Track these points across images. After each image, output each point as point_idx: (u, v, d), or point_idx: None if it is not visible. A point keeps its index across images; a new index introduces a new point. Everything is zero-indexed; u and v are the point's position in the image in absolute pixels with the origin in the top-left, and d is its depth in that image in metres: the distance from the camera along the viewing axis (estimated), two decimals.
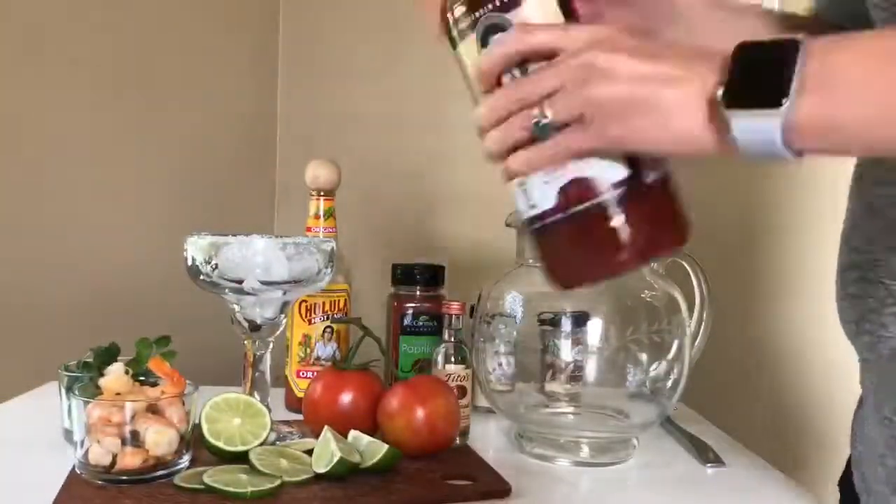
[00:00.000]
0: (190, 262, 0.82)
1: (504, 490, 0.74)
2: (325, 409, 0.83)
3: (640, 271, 0.86)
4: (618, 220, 0.54)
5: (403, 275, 1.02)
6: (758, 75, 0.48)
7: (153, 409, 0.72)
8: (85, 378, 0.78)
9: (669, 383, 0.86)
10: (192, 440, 0.74)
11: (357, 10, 1.60)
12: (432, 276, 1.02)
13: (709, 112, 0.49)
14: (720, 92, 0.49)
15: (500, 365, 0.88)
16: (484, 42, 0.57)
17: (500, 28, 0.56)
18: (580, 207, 0.55)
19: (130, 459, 0.70)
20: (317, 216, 1.00)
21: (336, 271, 0.87)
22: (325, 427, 0.76)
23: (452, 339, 0.89)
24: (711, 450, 0.90)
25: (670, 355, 0.85)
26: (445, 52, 0.60)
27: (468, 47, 0.58)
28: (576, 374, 0.84)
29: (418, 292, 1.01)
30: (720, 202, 1.35)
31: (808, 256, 1.32)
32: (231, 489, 0.68)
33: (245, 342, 0.87)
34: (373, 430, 0.82)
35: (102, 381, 0.74)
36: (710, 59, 0.50)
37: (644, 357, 0.86)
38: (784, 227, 1.36)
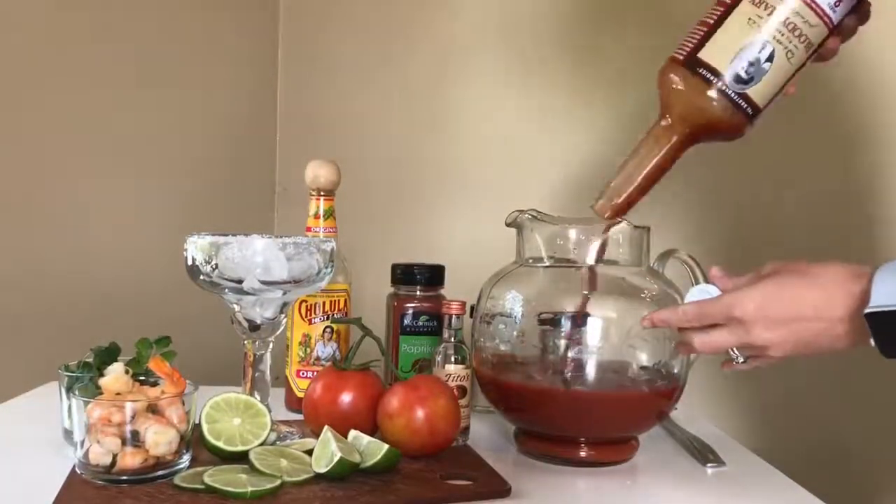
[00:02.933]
0: (190, 262, 0.82)
1: (504, 490, 0.74)
2: (325, 409, 0.83)
3: (639, 271, 0.86)
4: None
5: (403, 275, 1.02)
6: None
7: (153, 409, 0.72)
8: (85, 378, 0.78)
9: (669, 383, 0.85)
10: (192, 440, 0.74)
11: (357, 10, 1.60)
12: (432, 276, 1.02)
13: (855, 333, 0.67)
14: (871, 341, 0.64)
15: None
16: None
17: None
18: None
19: (130, 459, 0.70)
20: (317, 216, 1.00)
21: (336, 271, 0.87)
22: (325, 427, 0.76)
23: (452, 339, 0.89)
24: (711, 450, 0.90)
25: (670, 355, 0.85)
26: (444, 53, 0.60)
27: None
28: (576, 374, 0.83)
29: (418, 292, 1.01)
30: (721, 203, 1.35)
31: (809, 256, 1.32)
32: (231, 489, 0.68)
33: (245, 342, 0.87)
34: (373, 430, 0.82)
35: (102, 381, 0.74)
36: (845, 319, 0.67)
37: (644, 357, 0.86)
38: (784, 226, 1.36)
